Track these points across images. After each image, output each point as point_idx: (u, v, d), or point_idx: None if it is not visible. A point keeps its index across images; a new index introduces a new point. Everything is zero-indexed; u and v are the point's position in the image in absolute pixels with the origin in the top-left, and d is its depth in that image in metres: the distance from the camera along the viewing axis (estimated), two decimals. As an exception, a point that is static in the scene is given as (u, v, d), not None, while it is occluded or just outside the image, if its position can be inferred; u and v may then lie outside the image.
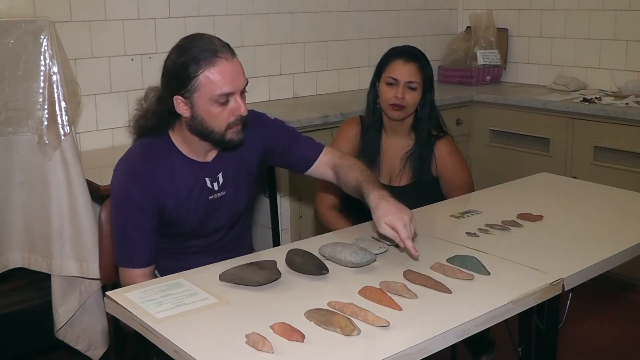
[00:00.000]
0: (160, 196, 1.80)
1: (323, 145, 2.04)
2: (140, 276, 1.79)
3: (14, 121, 2.29)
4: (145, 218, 1.79)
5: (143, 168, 1.79)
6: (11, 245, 2.39)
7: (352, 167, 1.93)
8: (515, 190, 2.36)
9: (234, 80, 1.72)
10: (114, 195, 1.82)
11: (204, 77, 1.70)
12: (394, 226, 1.66)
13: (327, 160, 1.99)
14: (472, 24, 4.24)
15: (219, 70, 1.70)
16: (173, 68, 1.74)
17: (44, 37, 2.26)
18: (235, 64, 1.74)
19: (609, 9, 3.79)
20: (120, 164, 1.83)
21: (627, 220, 2.03)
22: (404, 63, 2.36)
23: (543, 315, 1.72)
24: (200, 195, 1.86)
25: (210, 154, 1.88)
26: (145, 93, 1.90)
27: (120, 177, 1.80)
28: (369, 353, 1.27)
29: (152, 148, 1.83)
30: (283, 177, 3.11)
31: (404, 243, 1.65)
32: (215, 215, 1.90)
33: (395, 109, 2.36)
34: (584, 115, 3.43)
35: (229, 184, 1.91)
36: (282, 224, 3.13)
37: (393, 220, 1.66)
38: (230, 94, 1.73)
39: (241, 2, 3.43)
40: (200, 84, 1.70)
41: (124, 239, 1.81)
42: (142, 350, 1.70)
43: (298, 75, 3.74)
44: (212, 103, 1.72)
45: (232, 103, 1.74)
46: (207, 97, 1.71)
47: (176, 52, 1.75)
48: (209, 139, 1.79)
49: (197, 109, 1.74)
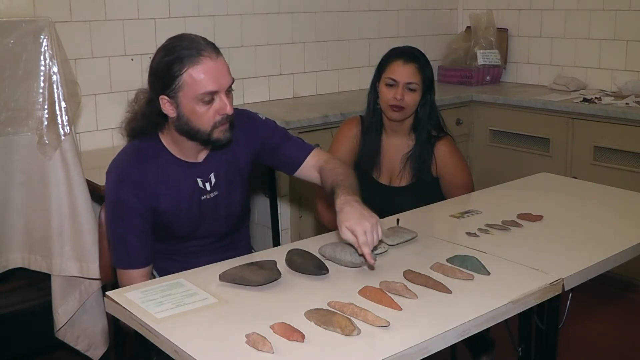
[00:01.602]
0: (152, 197, 1.80)
1: (312, 146, 2.02)
2: (138, 277, 1.79)
3: (14, 121, 2.29)
4: (139, 220, 1.80)
5: (134, 170, 1.80)
6: (11, 245, 2.39)
7: (333, 171, 1.87)
8: (515, 190, 2.36)
9: (218, 78, 1.72)
10: (107, 198, 1.83)
11: (187, 76, 1.70)
12: (354, 231, 1.60)
13: (314, 162, 1.97)
14: (472, 24, 4.24)
15: (203, 68, 1.70)
16: (158, 68, 1.75)
17: (44, 37, 2.26)
18: (219, 62, 1.74)
19: (609, 9, 3.79)
20: (112, 167, 1.84)
21: (627, 220, 2.03)
22: (404, 64, 2.36)
23: (543, 315, 1.72)
24: (193, 195, 1.86)
25: (201, 155, 1.88)
26: (135, 95, 1.90)
27: (112, 181, 1.81)
28: (369, 353, 1.27)
29: (142, 150, 1.83)
30: (283, 177, 3.11)
31: (361, 249, 1.60)
32: (209, 215, 1.91)
33: (395, 110, 2.36)
34: (584, 115, 3.43)
35: (221, 184, 1.91)
36: (282, 224, 3.13)
37: (353, 225, 1.60)
38: (215, 92, 1.73)
39: (241, 2, 3.43)
40: (184, 83, 1.71)
41: (119, 241, 1.82)
42: (142, 350, 1.70)
43: (298, 75, 3.74)
44: (196, 102, 1.72)
45: (217, 102, 1.74)
46: (192, 96, 1.72)
47: (161, 52, 1.75)
48: (196, 139, 1.79)
49: (183, 109, 1.74)
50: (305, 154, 1.98)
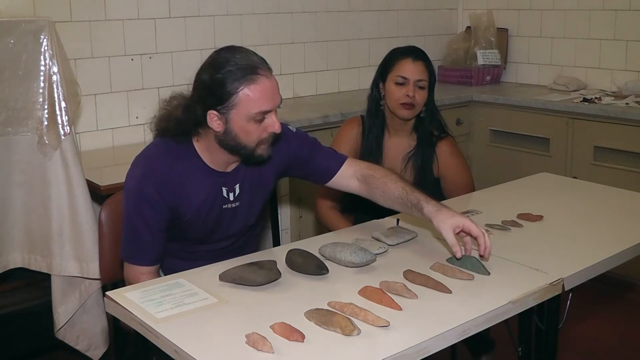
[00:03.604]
0: (175, 198, 1.78)
1: (346, 156, 2.01)
2: (145, 274, 1.78)
3: (14, 121, 2.29)
4: (158, 216, 1.77)
5: (162, 167, 1.77)
6: (11, 245, 2.39)
7: (390, 177, 1.90)
8: (515, 190, 2.36)
9: (273, 98, 1.71)
10: (129, 190, 1.79)
11: (243, 95, 1.67)
12: (464, 224, 1.67)
13: (353, 171, 1.96)
14: (472, 24, 4.24)
15: (260, 88, 1.67)
16: (210, 84, 1.69)
17: (44, 37, 2.25)
18: (273, 81, 1.72)
19: (609, 9, 3.79)
20: (140, 159, 1.81)
21: (627, 220, 2.03)
22: (413, 62, 2.36)
23: (543, 315, 1.72)
24: (215, 203, 1.84)
25: (232, 166, 1.86)
26: (170, 97, 1.85)
27: (138, 173, 1.78)
28: (369, 353, 1.27)
29: (173, 150, 1.80)
30: (283, 177, 3.10)
31: (476, 242, 1.67)
32: (226, 224, 1.89)
33: (407, 108, 2.36)
34: (584, 115, 3.43)
35: (244, 196, 1.89)
36: (282, 224, 3.13)
37: (461, 221, 1.68)
38: (268, 112, 1.71)
39: (241, 2, 3.43)
40: (239, 101, 1.67)
41: (133, 234, 1.79)
42: (142, 350, 1.70)
43: (298, 75, 3.74)
44: (248, 120, 1.70)
45: (267, 120, 1.72)
46: (245, 114, 1.69)
47: (213, 67, 1.70)
48: (239, 154, 1.78)
49: (232, 125, 1.71)
50: (339, 163, 1.97)
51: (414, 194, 1.81)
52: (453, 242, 1.66)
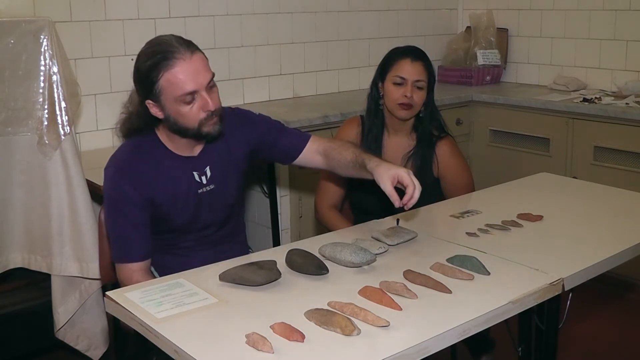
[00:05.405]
0: (150, 189, 1.83)
1: (309, 134, 2.08)
2: (137, 270, 1.81)
3: (14, 121, 2.29)
4: (138, 211, 1.82)
5: (132, 163, 1.83)
6: (11, 245, 2.39)
7: (345, 146, 1.99)
8: (515, 190, 2.36)
9: (194, 77, 1.74)
10: (107, 192, 1.85)
11: (164, 81, 1.73)
12: (397, 174, 1.77)
13: (316, 147, 2.02)
14: (472, 24, 4.24)
15: (177, 71, 1.72)
16: (138, 75, 1.78)
17: (44, 37, 2.25)
18: (194, 61, 1.75)
19: (609, 9, 3.79)
20: (109, 162, 1.88)
21: (627, 220, 2.03)
22: (412, 62, 2.36)
23: (543, 315, 1.71)
24: (190, 189, 1.89)
25: (197, 148, 1.91)
26: (129, 95, 1.94)
27: (111, 174, 1.84)
28: (369, 353, 1.27)
29: (139, 145, 1.87)
30: (283, 177, 3.11)
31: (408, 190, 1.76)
32: (206, 208, 1.93)
33: (404, 108, 2.36)
34: (584, 115, 3.43)
35: (217, 177, 1.93)
36: (282, 224, 3.13)
37: (396, 171, 1.79)
38: (194, 92, 1.75)
39: (241, 2, 3.43)
40: (162, 88, 1.74)
41: (118, 235, 1.84)
42: (142, 350, 1.70)
43: (298, 75, 3.74)
44: (178, 103, 1.75)
45: (198, 100, 1.76)
46: (172, 98, 1.75)
47: (138, 61, 1.78)
48: (188, 135, 1.83)
49: (168, 111, 1.78)
50: (304, 142, 2.03)
51: (362, 155, 1.91)
52: (390, 192, 1.77)
